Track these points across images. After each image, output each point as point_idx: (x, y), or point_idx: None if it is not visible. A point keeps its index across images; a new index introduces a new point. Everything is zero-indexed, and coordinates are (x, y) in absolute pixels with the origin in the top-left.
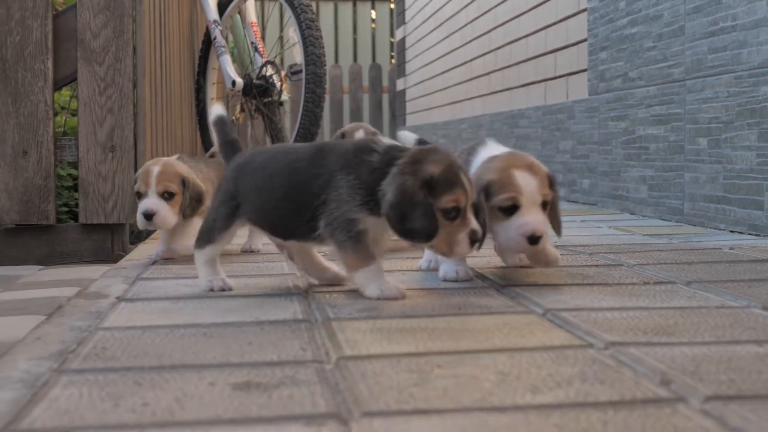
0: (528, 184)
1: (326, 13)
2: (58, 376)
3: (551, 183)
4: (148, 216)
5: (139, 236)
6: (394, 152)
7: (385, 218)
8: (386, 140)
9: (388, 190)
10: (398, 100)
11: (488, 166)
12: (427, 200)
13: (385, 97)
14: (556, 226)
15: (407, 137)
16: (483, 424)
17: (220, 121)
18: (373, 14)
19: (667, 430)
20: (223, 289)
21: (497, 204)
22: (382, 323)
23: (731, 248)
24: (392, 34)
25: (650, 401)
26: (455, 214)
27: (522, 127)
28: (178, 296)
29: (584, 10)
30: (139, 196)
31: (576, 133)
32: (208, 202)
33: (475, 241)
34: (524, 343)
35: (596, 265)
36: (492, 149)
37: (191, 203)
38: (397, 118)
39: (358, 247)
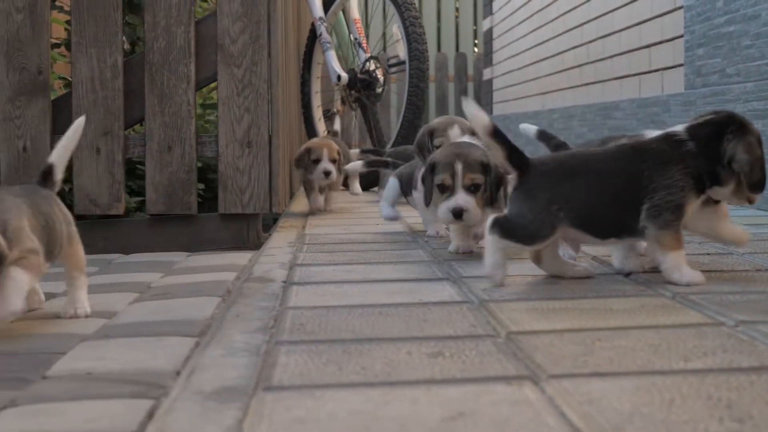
0: None
1: None
2: (275, 346)
3: None
4: None
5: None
6: (698, 131)
7: (739, 173)
8: (662, 132)
9: (737, 150)
10: (485, 89)
11: None
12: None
13: (470, 86)
14: None
15: (529, 129)
16: (652, 383)
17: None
18: (456, 2)
19: None
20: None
21: None
22: (533, 304)
23: None
24: (475, 23)
25: None
26: None
27: (616, 118)
28: (339, 281)
29: (680, 7)
30: None
31: (672, 126)
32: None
33: None
34: (665, 321)
35: (708, 254)
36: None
37: None
38: (484, 107)
39: (679, 231)
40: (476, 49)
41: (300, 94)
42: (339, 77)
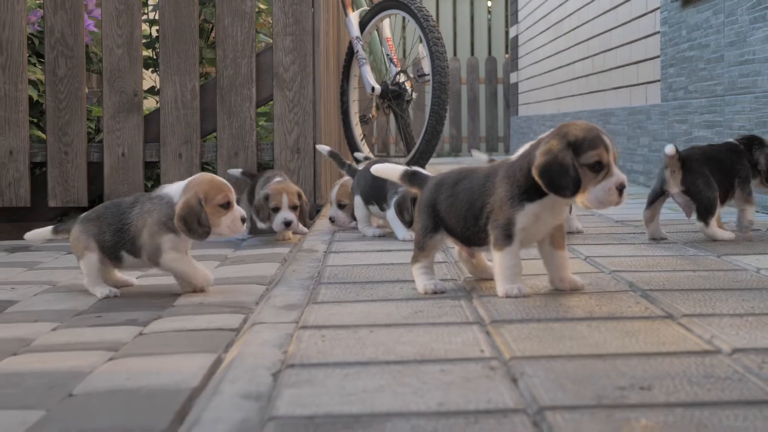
0: None
1: (446, 8)
2: (318, 285)
3: None
4: None
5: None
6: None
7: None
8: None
9: (760, 158)
10: (511, 91)
11: None
12: None
13: (500, 88)
14: None
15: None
16: (535, 299)
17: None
18: (489, 4)
19: (615, 303)
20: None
21: None
22: None
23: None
24: (507, 24)
25: (616, 292)
26: None
27: (612, 123)
28: (363, 250)
29: (658, 32)
30: None
31: (652, 131)
32: None
33: None
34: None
35: (633, 233)
36: None
37: None
38: (511, 108)
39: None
40: (507, 55)
41: (339, 102)
42: (373, 89)
